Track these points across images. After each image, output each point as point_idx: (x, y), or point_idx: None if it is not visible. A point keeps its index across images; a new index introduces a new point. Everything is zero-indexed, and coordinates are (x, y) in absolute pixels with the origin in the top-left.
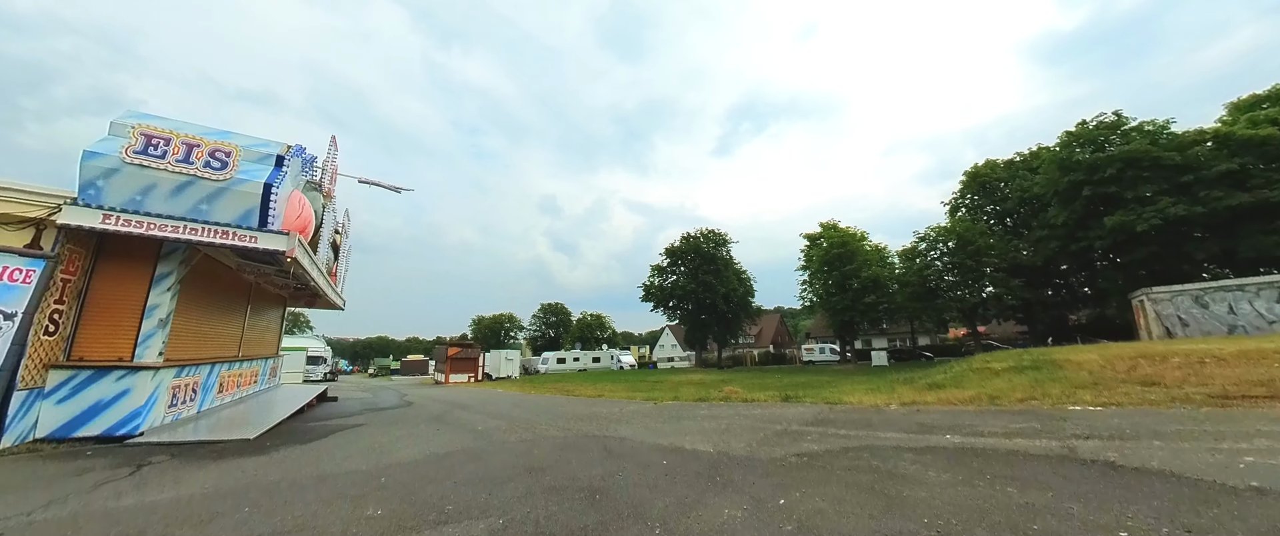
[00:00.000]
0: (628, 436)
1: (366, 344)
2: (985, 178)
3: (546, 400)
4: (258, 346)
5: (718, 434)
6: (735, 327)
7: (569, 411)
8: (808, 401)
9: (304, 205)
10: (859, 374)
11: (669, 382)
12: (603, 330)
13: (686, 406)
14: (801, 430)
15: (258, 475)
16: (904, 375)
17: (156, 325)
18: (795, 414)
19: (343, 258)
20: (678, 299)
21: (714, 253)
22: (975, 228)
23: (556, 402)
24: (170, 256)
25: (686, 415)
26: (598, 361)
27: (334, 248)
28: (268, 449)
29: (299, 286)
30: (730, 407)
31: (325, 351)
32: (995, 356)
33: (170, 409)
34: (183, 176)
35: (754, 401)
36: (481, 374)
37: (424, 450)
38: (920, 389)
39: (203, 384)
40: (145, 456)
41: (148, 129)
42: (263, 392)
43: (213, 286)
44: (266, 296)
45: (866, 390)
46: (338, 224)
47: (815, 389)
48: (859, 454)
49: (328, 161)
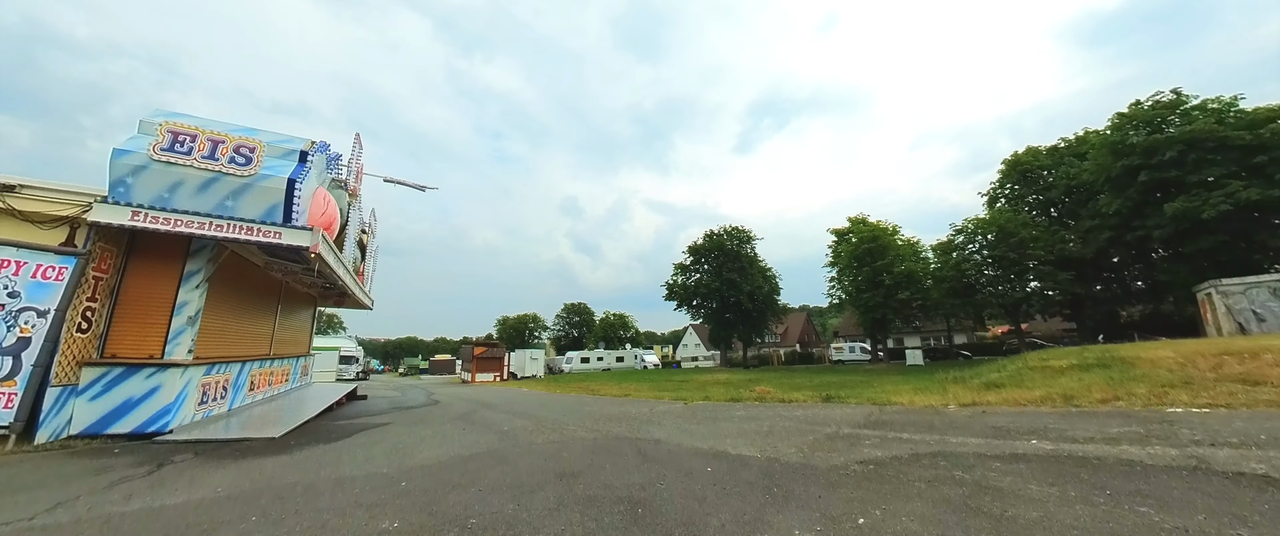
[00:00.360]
0: (662, 439)
1: (397, 344)
2: (1026, 166)
3: (572, 399)
4: (289, 345)
5: (761, 437)
6: (761, 326)
7: (596, 411)
8: (851, 401)
9: (329, 202)
10: (894, 373)
11: (695, 382)
12: (626, 330)
13: (719, 407)
14: (856, 433)
15: (275, 477)
16: (948, 374)
17: (186, 322)
18: (842, 415)
19: (370, 257)
20: (701, 297)
21: (738, 250)
22: (1018, 218)
23: (582, 402)
24: (199, 253)
25: (721, 416)
26: (621, 361)
27: (361, 247)
28: (291, 448)
29: (326, 285)
30: (767, 408)
31: (357, 351)
32: (1051, 354)
33: (200, 406)
34: (208, 173)
35: (792, 401)
36: (507, 373)
37: (448, 451)
38: (975, 388)
39: (233, 382)
40: (169, 454)
41: (174, 126)
42: (294, 391)
43: (242, 284)
44: (297, 296)
45: (913, 390)
46: (364, 223)
47: (854, 388)
48: (934, 462)
49: (353, 160)
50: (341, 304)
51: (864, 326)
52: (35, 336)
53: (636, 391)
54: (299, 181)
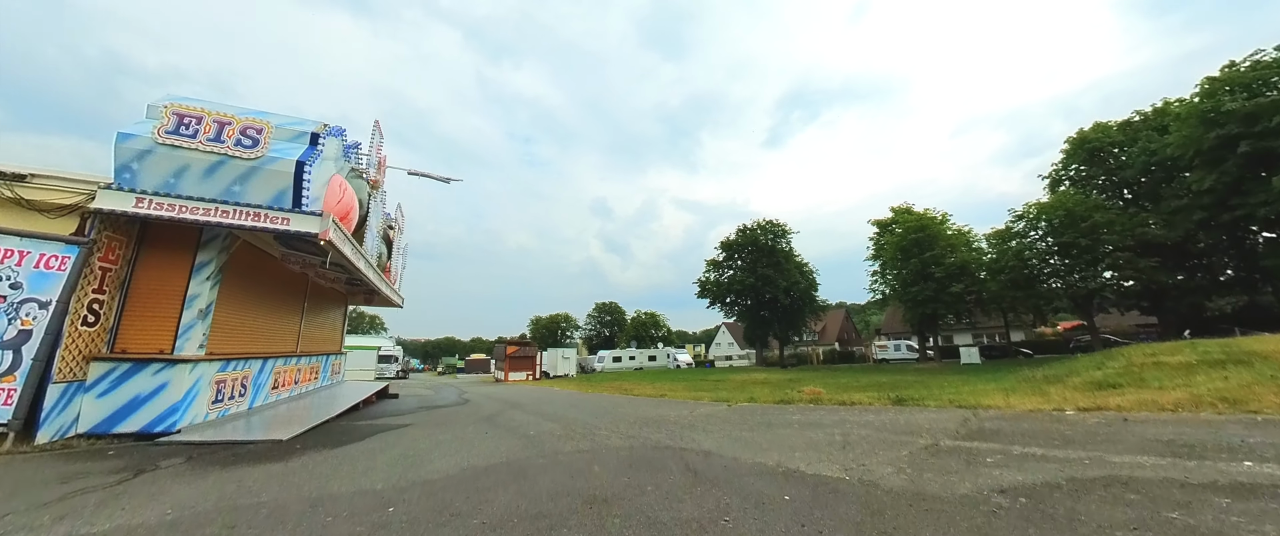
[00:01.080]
0: (712, 450)
1: (435, 344)
2: (1095, 143)
3: (605, 400)
4: (318, 343)
5: (838, 449)
6: (798, 324)
7: (631, 413)
8: (929, 404)
9: (345, 190)
10: (950, 373)
11: (733, 382)
12: (657, 329)
13: (769, 410)
14: (965, 447)
15: (247, 493)
16: (1026, 373)
17: (196, 316)
18: (928, 421)
19: (398, 254)
20: (735, 294)
21: (773, 245)
22: (1088, 201)
23: (616, 403)
24: (210, 244)
25: (776, 421)
26: (654, 360)
27: (387, 242)
28: (292, 453)
29: (350, 280)
30: (828, 412)
31: (397, 351)
32: (1155, 349)
33: (215, 405)
34: (214, 156)
35: (853, 404)
36: (539, 372)
37: (462, 461)
38: (1081, 388)
39: (253, 379)
40: (159, 459)
41: (180, 108)
42: (322, 389)
43: (260, 278)
44: (325, 293)
45: (999, 391)
46: (390, 219)
47: (921, 388)
48: (1117, 494)
49: (373, 148)
50: (371, 301)
51: (910, 323)
52: (36, 329)
53: (672, 391)
54: (309, 164)
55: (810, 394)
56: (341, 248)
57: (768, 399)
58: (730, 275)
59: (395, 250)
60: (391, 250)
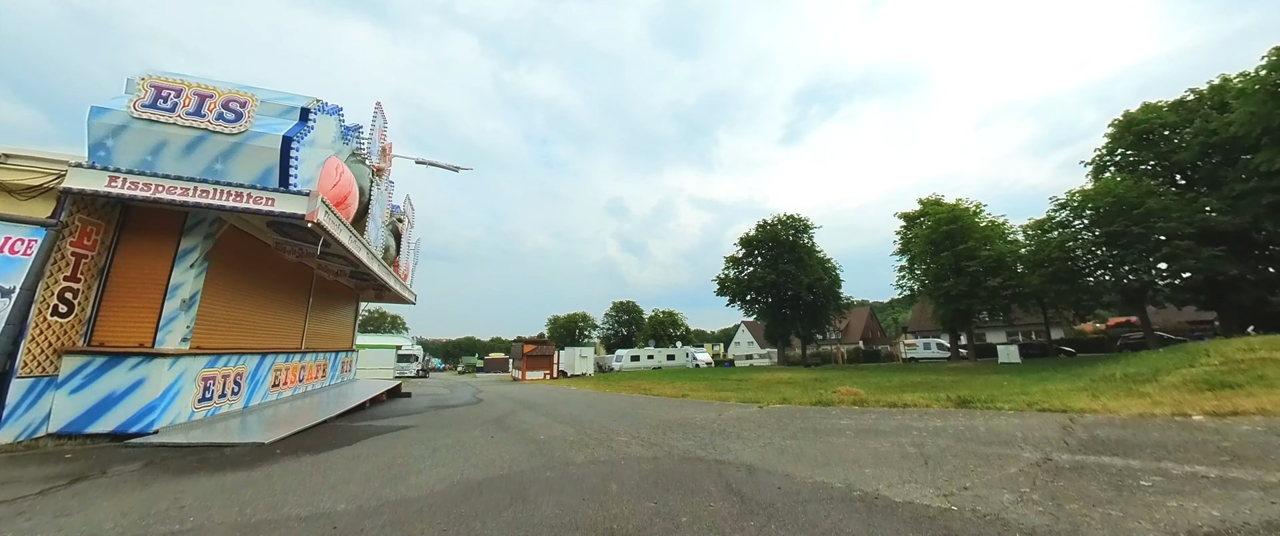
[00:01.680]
0: (756, 464)
1: (456, 344)
2: (1144, 125)
3: (623, 400)
4: (326, 340)
5: (917, 465)
6: (821, 321)
7: (653, 416)
8: (1005, 408)
9: (342, 173)
10: (991, 372)
11: (756, 382)
12: (675, 327)
13: (809, 413)
14: (1092, 463)
15: (175, 513)
16: (1087, 371)
17: (179, 307)
18: (1018, 429)
19: (408, 248)
20: (756, 292)
21: (795, 240)
22: (1140, 186)
23: (635, 404)
24: (194, 229)
25: (821, 426)
26: (672, 359)
27: (395, 235)
28: (265, 459)
29: (356, 273)
30: (882, 416)
31: (417, 350)
32: (1251, 344)
33: (202, 403)
34: (194, 131)
35: (907, 406)
36: (557, 371)
37: (455, 473)
38: (1186, 389)
39: (249, 376)
40: (115, 463)
41: (158, 81)
42: (330, 388)
43: (256, 268)
44: (334, 288)
45: (1079, 391)
46: (398, 211)
47: (983, 389)
48: None
49: (375, 131)
50: (382, 298)
51: (942, 320)
52: None
53: (694, 391)
54: (297, 140)
55: (848, 394)
56: (336, 234)
57: (802, 400)
58: (750, 272)
59: (405, 244)
60: (400, 244)
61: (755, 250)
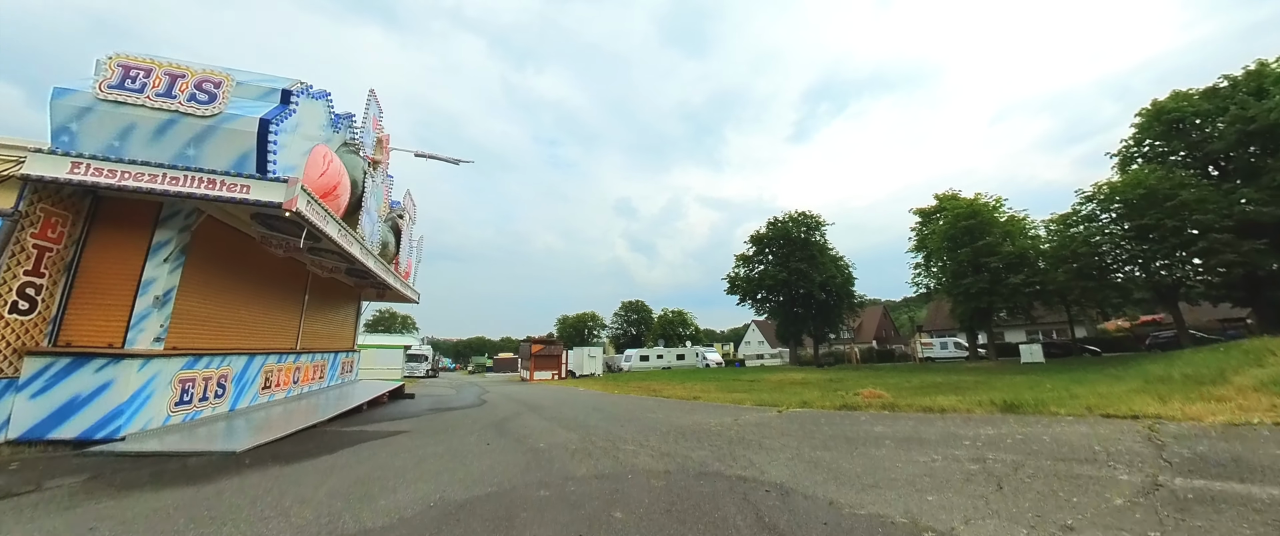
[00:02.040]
0: (788, 484)
1: (466, 344)
2: (1174, 114)
3: (632, 402)
4: (324, 340)
5: (988, 488)
6: (834, 320)
7: (664, 421)
8: (1062, 413)
9: (330, 162)
10: (1015, 372)
11: (769, 383)
12: (685, 327)
13: (835, 418)
14: (1221, 491)
15: None
16: (1132, 371)
17: (152, 304)
18: (1090, 440)
19: (409, 244)
20: (767, 290)
21: (807, 238)
22: (1173, 177)
23: (645, 407)
24: (170, 221)
25: (854, 434)
26: (682, 359)
27: (395, 232)
28: (228, 471)
29: (353, 270)
30: (921, 423)
31: (426, 350)
32: None
33: (181, 406)
34: (164, 114)
35: (944, 411)
36: (565, 371)
37: (433, 492)
38: (1264, 391)
39: (236, 378)
40: (60, 475)
41: (127, 60)
42: (329, 389)
43: (242, 263)
44: (331, 286)
45: (1136, 393)
46: (398, 207)
47: (1026, 391)
48: None
49: (368, 119)
50: (384, 297)
51: (960, 318)
52: None
53: (705, 393)
54: (276, 124)
55: (872, 397)
56: (322, 226)
57: (824, 403)
58: (761, 270)
59: (406, 241)
60: (401, 241)
61: (766, 248)
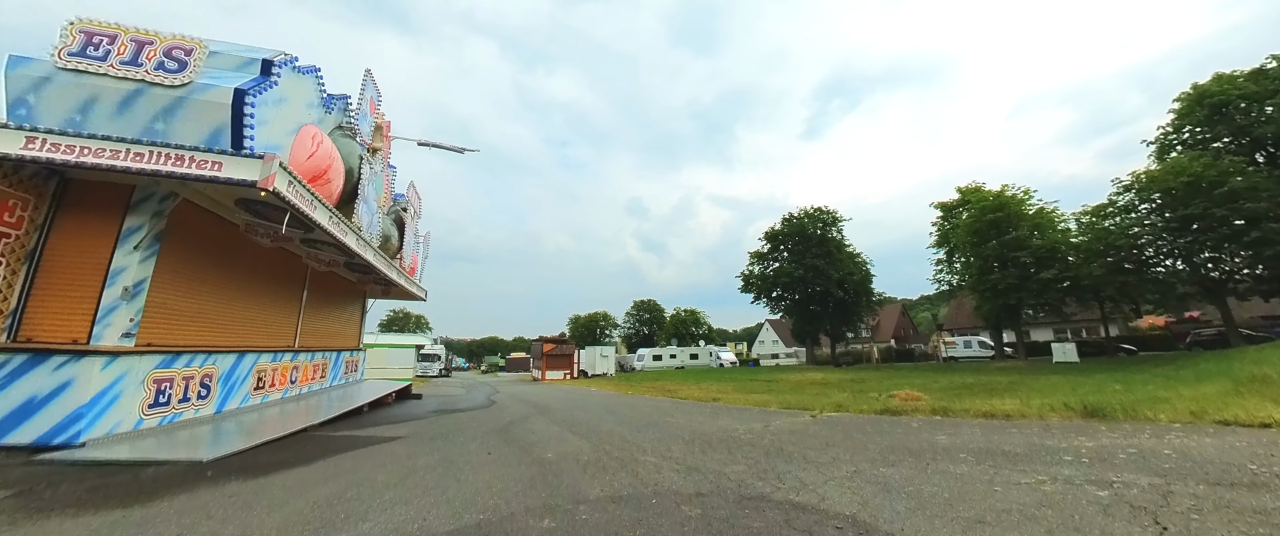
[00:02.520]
0: (866, 519)
1: (480, 344)
2: (1217, 97)
3: (648, 404)
4: (326, 338)
5: None
6: (853, 319)
7: (685, 426)
8: (1166, 420)
9: (319, 144)
10: (1048, 371)
11: (789, 383)
12: (697, 326)
13: (879, 424)
14: None
15: None
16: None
17: (120, 296)
18: (1244, 455)
19: (415, 240)
20: (782, 288)
21: (823, 234)
22: (1220, 164)
23: (662, 410)
24: (142, 205)
25: (913, 445)
26: (696, 358)
27: (398, 225)
28: (182, 486)
29: (353, 264)
30: (991, 431)
31: (439, 350)
32: None
33: (155, 409)
34: (129, 84)
35: (1007, 416)
36: (577, 371)
37: (410, 521)
38: None
39: (222, 377)
40: None
41: (89, 25)
42: (330, 390)
43: (228, 253)
44: (333, 282)
45: (1225, 394)
46: (403, 200)
47: (1097, 394)
48: None
49: (365, 101)
50: (390, 294)
51: (986, 316)
52: None
53: (724, 394)
54: (252, 95)
55: (909, 399)
56: (308, 211)
57: (861, 407)
58: (776, 267)
59: (410, 235)
60: (404, 235)
61: (781, 245)
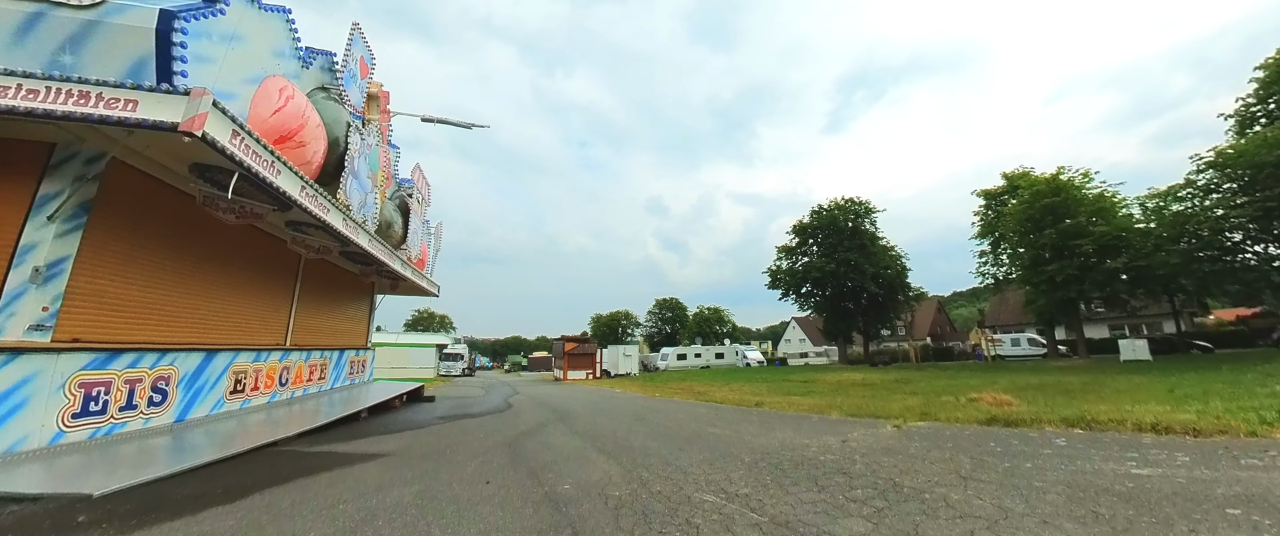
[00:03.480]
0: None
1: (503, 343)
2: None
3: (681, 409)
4: (325, 335)
5: None
6: (888, 316)
7: (736, 440)
8: None
9: (290, 99)
10: (1116, 371)
11: (828, 384)
12: (721, 324)
13: (1004, 440)
14: None
15: None
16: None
17: (30, 280)
18: None
19: (425, 230)
20: (812, 283)
21: (856, 226)
22: None
23: (699, 417)
24: (63, 167)
25: (1118, 484)
26: (721, 357)
27: (403, 211)
28: None
29: (348, 252)
30: (1202, 454)
31: (462, 349)
32: None
33: (83, 419)
34: (29, 5)
35: (1202, 433)
36: (599, 371)
37: None
38: None
39: (185, 380)
40: None
41: None
42: (329, 392)
43: (191, 234)
44: (336, 275)
45: None
46: (409, 186)
47: (1232, 399)
48: None
49: (353, 60)
50: (398, 289)
51: (1039, 311)
52: None
53: (761, 395)
54: (185, 20)
55: (998, 403)
56: (269, 176)
57: (955, 416)
58: (805, 262)
59: (417, 222)
60: (409, 222)
61: (809, 238)
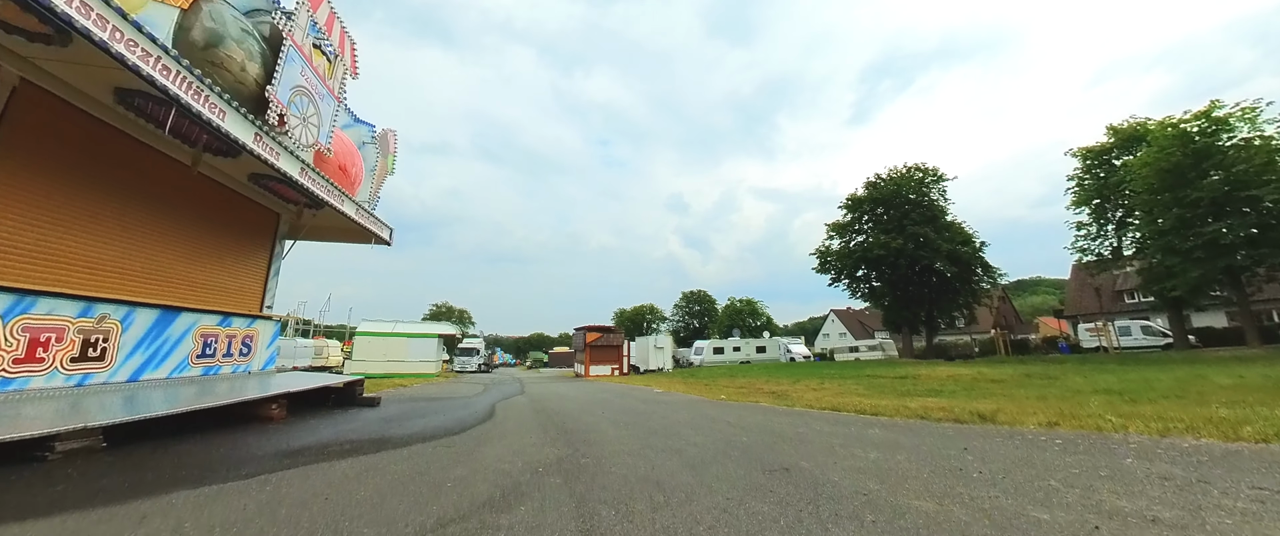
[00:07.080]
0: None
1: (526, 340)
2: None
3: (756, 419)
4: (184, 289)
5: None
6: (961, 302)
7: None
8: None
9: None
10: None
11: (925, 381)
12: (756, 318)
13: None
14: None
15: None
16: None
17: None
18: None
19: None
20: (868, 265)
21: (923, 197)
22: None
23: (802, 433)
24: None
25: None
26: (763, 351)
27: (269, 44)
28: None
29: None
30: None
31: (478, 343)
32: None
33: None
34: None
35: None
36: (627, 366)
37: None
38: None
39: None
40: None
41: None
42: (171, 382)
43: None
44: (217, 199)
45: None
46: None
47: None
48: None
49: None
50: (320, 227)
51: (1171, 290)
52: None
53: (866, 397)
54: None
55: None
56: None
57: None
58: (861, 241)
59: (320, 89)
60: (278, 66)
61: (865, 213)
